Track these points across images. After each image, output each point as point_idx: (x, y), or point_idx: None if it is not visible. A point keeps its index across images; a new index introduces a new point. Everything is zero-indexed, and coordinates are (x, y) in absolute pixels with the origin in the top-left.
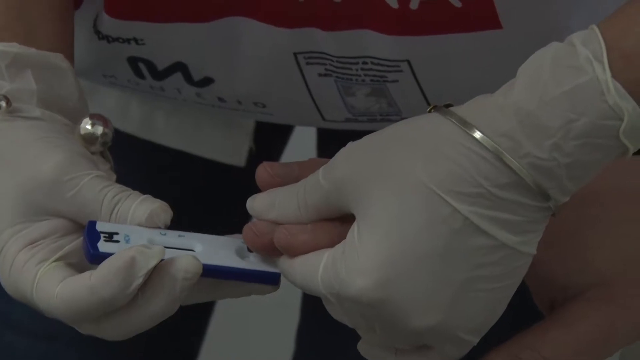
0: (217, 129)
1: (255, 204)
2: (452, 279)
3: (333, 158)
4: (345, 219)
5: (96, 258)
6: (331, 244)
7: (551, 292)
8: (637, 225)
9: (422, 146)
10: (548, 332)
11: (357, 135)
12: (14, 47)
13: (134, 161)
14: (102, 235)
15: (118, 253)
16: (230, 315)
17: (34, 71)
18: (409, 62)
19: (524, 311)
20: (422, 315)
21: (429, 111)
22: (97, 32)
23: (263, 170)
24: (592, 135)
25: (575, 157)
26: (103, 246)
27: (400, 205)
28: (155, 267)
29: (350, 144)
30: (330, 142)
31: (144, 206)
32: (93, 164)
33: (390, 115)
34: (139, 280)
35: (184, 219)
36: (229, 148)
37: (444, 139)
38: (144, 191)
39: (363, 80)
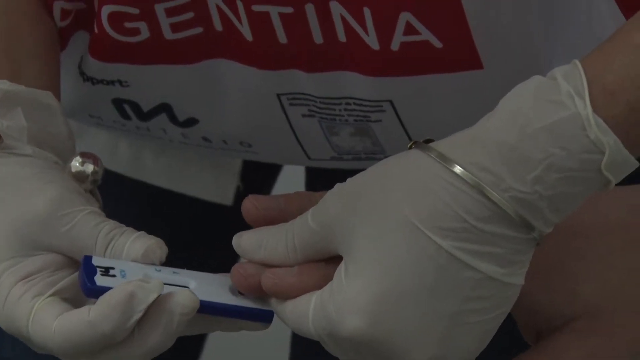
0: (205, 168)
1: (242, 242)
2: (442, 313)
3: (321, 200)
4: (330, 260)
5: (93, 292)
6: (318, 286)
7: (536, 322)
8: (622, 257)
9: (404, 183)
10: None
11: (345, 172)
12: (4, 84)
13: (123, 200)
14: (98, 269)
15: (117, 287)
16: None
17: (24, 109)
18: (391, 102)
19: (512, 340)
20: (416, 351)
21: (409, 147)
22: (82, 74)
23: (249, 204)
24: (574, 168)
25: (557, 190)
26: (100, 280)
27: (385, 243)
28: (153, 302)
29: (337, 186)
30: (318, 180)
31: (139, 242)
32: (86, 200)
33: (375, 154)
34: (138, 315)
35: (173, 257)
36: (217, 187)
37: (426, 174)
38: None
39: (346, 120)
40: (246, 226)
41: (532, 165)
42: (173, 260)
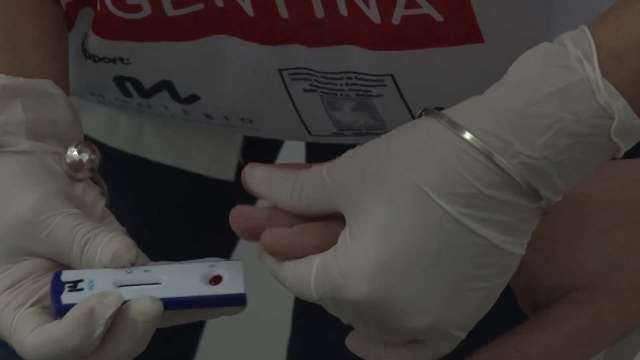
0: (206, 144)
1: (254, 171)
2: (446, 279)
3: (339, 157)
4: (330, 222)
5: (60, 310)
6: (317, 248)
7: (535, 293)
8: (623, 231)
9: (413, 149)
10: (532, 333)
11: (345, 148)
12: (1, 79)
13: (124, 176)
14: (66, 285)
15: (77, 305)
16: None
17: (23, 100)
18: (392, 76)
19: (511, 311)
20: (418, 315)
21: (419, 115)
22: (84, 52)
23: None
24: (584, 134)
25: (566, 156)
26: (67, 297)
27: (392, 208)
28: (118, 312)
29: (357, 147)
30: (319, 155)
31: (108, 248)
32: (68, 202)
33: (376, 129)
34: (100, 329)
35: (174, 233)
36: (218, 163)
37: (435, 141)
38: (133, 206)
39: (348, 95)
40: (247, 201)
41: (541, 131)
42: (172, 236)
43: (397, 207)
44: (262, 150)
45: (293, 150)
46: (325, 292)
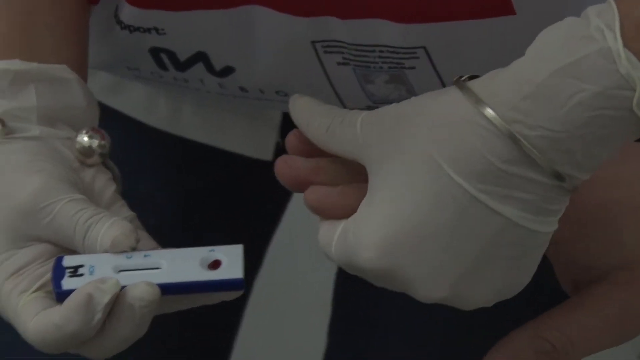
0: (244, 123)
1: (298, 100)
2: (462, 255)
3: (376, 110)
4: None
5: (60, 296)
6: (354, 211)
7: (575, 272)
8: None
9: (434, 121)
10: (573, 313)
11: None
12: (15, 64)
13: (161, 156)
14: (67, 271)
15: (76, 291)
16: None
17: (37, 86)
18: (425, 48)
19: (541, 291)
20: (429, 288)
21: (454, 82)
22: (119, 22)
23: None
24: (605, 106)
25: (587, 130)
26: (67, 283)
27: (409, 180)
28: (117, 297)
29: (391, 106)
30: None
31: (108, 233)
32: (72, 187)
33: None
34: (99, 315)
35: (210, 214)
36: (256, 142)
37: (456, 115)
38: (169, 186)
39: (381, 68)
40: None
41: (561, 102)
42: (208, 216)
43: (413, 179)
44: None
45: None
46: (343, 256)
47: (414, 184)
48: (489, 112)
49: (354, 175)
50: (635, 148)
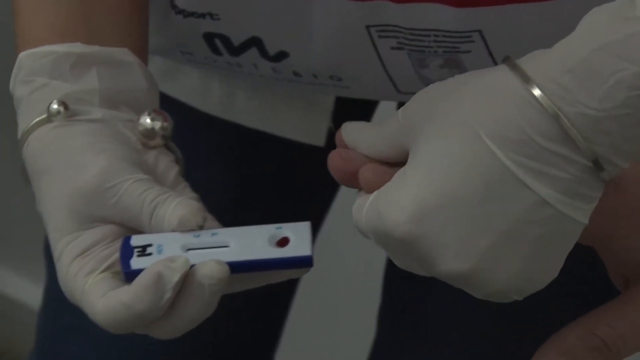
0: (297, 108)
1: (347, 124)
2: (489, 228)
3: (412, 98)
4: None
5: (129, 275)
6: None
7: (626, 268)
8: None
9: (478, 91)
10: (624, 309)
11: None
12: (77, 47)
13: (214, 142)
14: (135, 250)
15: (145, 270)
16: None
17: (99, 69)
18: (480, 32)
19: (592, 288)
20: (450, 260)
21: (503, 60)
22: (174, 7)
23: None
24: None
25: (625, 110)
26: (135, 262)
27: (446, 147)
28: (186, 276)
29: (429, 86)
30: None
31: (175, 212)
32: (137, 167)
33: None
34: (168, 294)
35: (263, 199)
36: (309, 127)
37: (501, 87)
38: (222, 171)
39: (436, 52)
40: None
41: (601, 80)
42: (260, 202)
43: (450, 146)
44: (353, 115)
45: (386, 115)
46: (371, 222)
47: (449, 150)
48: (533, 86)
49: None
50: None
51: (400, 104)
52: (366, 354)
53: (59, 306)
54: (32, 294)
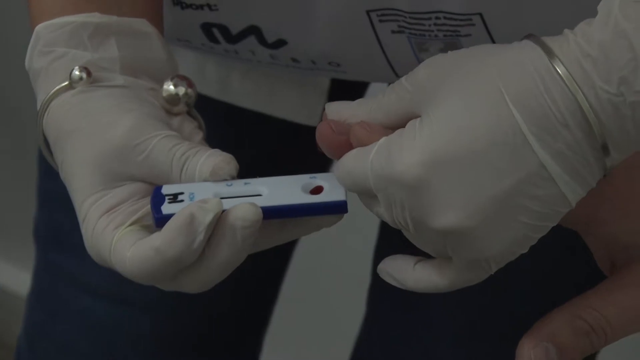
0: (292, 89)
1: (331, 104)
2: (493, 191)
3: (418, 66)
4: None
5: (160, 221)
6: None
7: (613, 253)
8: None
9: (503, 57)
10: (610, 293)
11: None
12: (95, 17)
13: (210, 123)
14: (166, 197)
15: (178, 212)
16: (302, 277)
17: (118, 39)
18: (481, 15)
19: (587, 273)
20: (452, 210)
21: (528, 36)
22: None
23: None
24: None
25: None
26: (167, 208)
27: (468, 102)
28: (218, 219)
29: (437, 56)
30: None
31: (207, 162)
32: (164, 125)
33: None
34: (200, 236)
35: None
36: (304, 108)
37: (529, 62)
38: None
39: (436, 36)
40: None
41: (620, 65)
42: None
43: (473, 102)
44: (348, 95)
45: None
46: (380, 167)
47: (472, 106)
48: (559, 63)
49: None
50: None
51: None
52: (355, 334)
53: (48, 288)
54: (19, 281)
